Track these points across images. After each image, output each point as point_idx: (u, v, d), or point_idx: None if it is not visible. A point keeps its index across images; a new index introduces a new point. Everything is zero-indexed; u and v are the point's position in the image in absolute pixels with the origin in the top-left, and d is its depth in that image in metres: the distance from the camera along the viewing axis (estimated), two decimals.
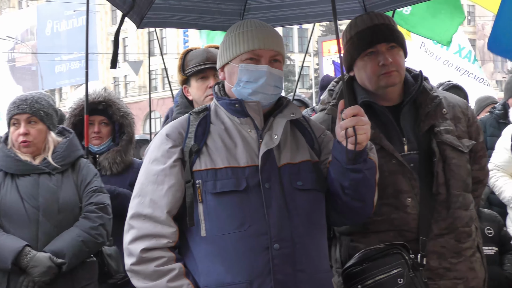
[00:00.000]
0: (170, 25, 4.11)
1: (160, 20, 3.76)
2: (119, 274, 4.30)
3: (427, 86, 3.28)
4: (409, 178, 3.13)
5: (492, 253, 5.35)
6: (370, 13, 3.33)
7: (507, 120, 6.58)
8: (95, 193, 4.12)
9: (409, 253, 2.97)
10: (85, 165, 4.21)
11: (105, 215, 4.10)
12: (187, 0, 3.64)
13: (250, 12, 3.78)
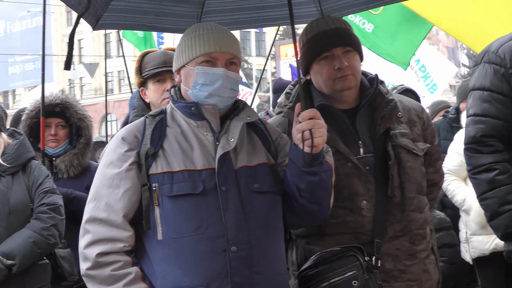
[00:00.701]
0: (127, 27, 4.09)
1: (116, 21, 3.74)
2: (73, 277, 4.26)
3: (383, 90, 3.31)
4: (364, 181, 3.16)
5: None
6: (326, 17, 3.36)
7: (460, 124, 6.67)
8: (47, 194, 4.07)
9: (364, 255, 2.99)
10: (36, 166, 4.16)
11: (57, 216, 4.05)
12: (143, 2, 3.62)
13: (208, 15, 3.77)
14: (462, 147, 3.68)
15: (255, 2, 3.82)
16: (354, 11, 4.13)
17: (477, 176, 3.54)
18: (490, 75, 3.54)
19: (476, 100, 3.57)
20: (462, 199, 5.79)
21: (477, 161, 3.52)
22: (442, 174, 3.60)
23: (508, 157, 3.50)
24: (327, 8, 3.83)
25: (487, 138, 3.50)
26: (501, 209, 3.44)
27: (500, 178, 3.45)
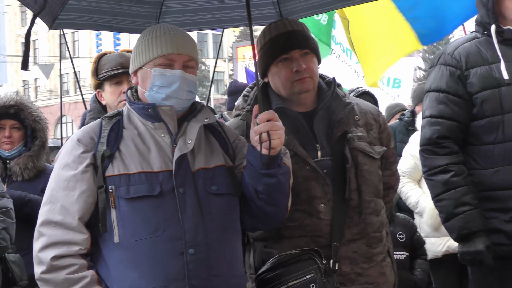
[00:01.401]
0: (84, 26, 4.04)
1: (73, 21, 3.69)
2: (23, 282, 4.21)
3: (340, 93, 3.33)
4: (322, 184, 3.16)
5: (403, 258, 5.47)
6: (284, 20, 3.36)
7: (416, 127, 6.72)
8: None
9: (322, 258, 3.00)
10: None
11: (7, 219, 3.99)
12: (101, 2, 3.58)
13: (166, 16, 3.75)
14: (416, 149, 3.73)
15: (214, 3, 3.80)
16: (313, 13, 4.15)
17: (432, 178, 3.58)
18: (446, 77, 3.59)
19: (432, 102, 3.61)
20: (415, 201, 5.84)
21: (432, 163, 3.57)
22: (398, 177, 3.63)
23: (463, 158, 3.54)
24: (286, 10, 3.83)
25: (442, 140, 3.55)
26: (456, 211, 3.49)
27: (455, 179, 3.50)
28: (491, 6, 3.57)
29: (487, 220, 3.48)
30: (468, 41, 3.66)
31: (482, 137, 3.51)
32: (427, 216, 5.69)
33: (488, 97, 3.48)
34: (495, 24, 3.57)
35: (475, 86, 3.52)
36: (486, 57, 3.56)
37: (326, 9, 4.17)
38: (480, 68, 3.54)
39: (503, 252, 3.46)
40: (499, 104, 3.47)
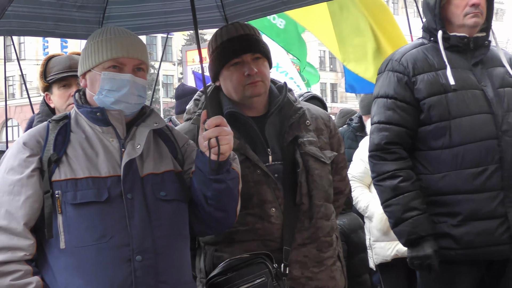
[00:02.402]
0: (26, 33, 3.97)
1: (14, 28, 3.62)
2: None
3: (291, 98, 3.33)
4: (273, 188, 3.16)
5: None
6: (235, 24, 3.35)
7: (364, 132, 6.78)
8: None
9: (273, 262, 3.00)
10: None
11: None
12: (42, 8, 3.51)
13: (110, 20, 3.70)
14: (366, 154, 3.75)
15: (158, 7, 3.78)
16: (258, 16, 4.16)
17: (381, 183, 3.61)
18: (393, 83, 3.62)
19: (380, 108, 3.64)
20: (365, 206, 5.88)
21: (381, 168, 3.60)
22: (347, 182, 3.65)
23: (412, 164, 3.58)
24: (230, 13, 3.83)
25: (391, 145, 3.58)
26: (405, 216, 3.52)
27: (403, 185, 3.53)
28: (438, 12, 3.62)
29: (435, 225, 3.52)
30: (415, 48, 3.70)
31: (429, 143, 3.55)
32: (376, 221, 5.73)
33: (435, 103, 3.52)
34: (441, 30, 3.62)
35: (423, 92, 3.55)
36: (433, 63, 3.60)
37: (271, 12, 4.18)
38: (427, 74, 3.58)
39: (451, 256, 3.51)
40: (446, 109, 3.51)
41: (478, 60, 3.65)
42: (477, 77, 3.60)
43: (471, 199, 3.47)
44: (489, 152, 3.47)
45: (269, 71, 3.30)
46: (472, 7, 3.57)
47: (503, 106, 3.55)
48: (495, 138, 3.48)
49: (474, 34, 3.64)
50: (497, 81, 3.61)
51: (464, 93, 3.53)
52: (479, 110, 3.52)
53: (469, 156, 3.47)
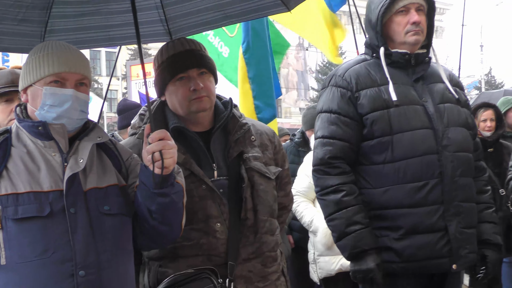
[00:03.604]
0: None
1: None
2: None
3: (237, 114, 3.34)
4: (218, 203, 3.16)
5: None
6: (181, 39, 3.35)
7: (306, 147, 6.82)
8: None
9: (218, 277, 3.00)
10: None
11: None
12: None
13: (52, 34, 3.65)
14: (311, 169, 3.78)
15: (101, 21, 3.75)
16: (202, 30, 4.17)
17: (325, 197, 3.63)
18: (337, 98, 3.65)
19: (324, 123, 3.67)
20: (309, 220, 5.91)
21: (325, 183, 3.62)
22: (291, 198, 3.67)
23: (355, 178, 3.62)
24: (174, 27, 3.83)
25: (334, 160, 3.60)
26: (348, 230, 3.54)
27: (347, 199, 3.56)
28: (380, 30, 3.67)
29: (378, 239, 3.55)
30: (358, 63, 3.75)
31: (372, 157, 3.58)
32: (321, 235, 5.77)
33: (378, 118, 3.56)
34: (383, 47, 3.68)
35: (365, 107, 3.59)
36: (376, 79, 3.65)
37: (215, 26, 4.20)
38: (369, 89, 3.62)
39: (393, 270, 3.54)
40: (388, 125, 3.55)
41: (419, 76, 3.71)
42: (418, 92, 3.66)
43: (413, 213, 3.51)
44: (430, 166, 3.53)
45: (215, 86, 3.30)
46: (413, 25, 3.63)
47: (443, 121, 3.61)
48: (435, 153, 3.54)
49: (415, 51, 3.71)
50: (438, 97, 3.68)
51: (405, 109, 3.58)
52: (420, 125, 3.57)
53: (411, 170, 3.52)
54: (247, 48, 6.07)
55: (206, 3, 3.67)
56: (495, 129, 6.83)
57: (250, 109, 5.92)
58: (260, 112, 5.91)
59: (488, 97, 11.63)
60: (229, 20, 3.99)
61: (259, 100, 5.98)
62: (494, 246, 3.74)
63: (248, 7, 3.72)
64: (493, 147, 6.71)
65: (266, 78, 6.05)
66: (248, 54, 6.07)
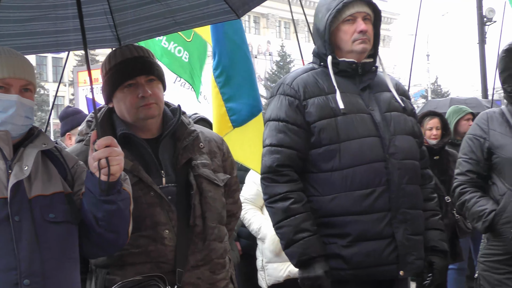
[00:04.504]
0: None
1: None
2: None
3: (185, 121, 3.34)
4: (167, 210, 3.15)
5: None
6: (129, 46, 3.34)
7: None
8: None
9: (166, 284, 2.99)
10: None
11: None
12: None
13: None
14: (258, 176, 3.78)
15: (48, 27, 3.71)
16: (151, 36, 4.15)
17: (273, 205, 3.64)
18: (285, 106, 3.67)
19: (272, 131, 3.68)
20: (258, 228, 5.93)
21: (273, 190, 3.63)
22: (240, 205, 3.69)
23: (303, 186, 3.63)
24: (123, 33, 3.81)
25: (282, 168, 3.61)
26: (296, 237, 3.55)
27: (294, 206, 3.56)
28: (327, 38, 3.70)
29: (326, 246, 3.56)
30: (305, 72, 3.77)
31: (320, 165, 3.60)
32: (269, 242, 5.79)
33: (325, 126, 3.59)
34: (331, 56, 3.71)
35: (313, 115, 3.61)
36: (323, 88, 3.67)
37: (164, 32, 4.19)
38: (317, 98, 3.64)
39: (341, 277, 3.56)
40: (335, 133, 3.58)
41: (366, 85, 3.75)
42: (365, 101, 3.70)
43: (360, 220, 3.53)
44: (377, 174, 3.56)
45: (163, 93, 3.30)
46: (360, 34, 3.67)
47: (390, 129, 3.65)
48: (382, 161, 3.58)
49: (362, 59, 3.75)
50: (384, 106, 3.72)
51: (353, 117, 3.61)
52: (367, 133, 3.60)
53: (358, 178, 3.54)
54: (218, 58, 6.03)
55: (155, 9, 3.66)
56: (441, 137, 6.94)
57: (220, 113, 5.88)
58: (234, 114, 5.86)
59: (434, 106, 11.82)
60: (179, 27, 3.99)
61: (234, 102, 5.92)
62: (441, 252, 3.79)
63: (197, 14, 3.73)
64: (439, 155, 6.83)
65: (243, 78, 6.00)
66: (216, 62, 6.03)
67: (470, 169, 4.28)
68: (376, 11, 3.78)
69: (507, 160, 4.11)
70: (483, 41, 20.61)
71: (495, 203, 4.14)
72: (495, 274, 4.17)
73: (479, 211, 4.15)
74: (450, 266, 7.13)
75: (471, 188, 4.27)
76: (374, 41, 3.78)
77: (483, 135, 4.26)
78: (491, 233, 4.18)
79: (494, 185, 4.20)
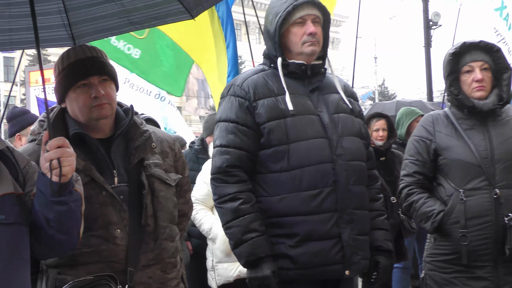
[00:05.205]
0: None
1: None
2: None
3: (137, 121, 3.35)
4: (119, 210, 3.15)
5: None
6: (82, 46, 3.34)
7: (206, 155, 6.85)
8: None
9: (117, 284, 3.00)
10: None
11: None
12: None
13: None
14: (209, 177, 3.81)
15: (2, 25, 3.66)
16: (106, 36, 4.14)
17: (222, 206, 3.66)
18: (235, 107, 3.70)
19: (223, 132, 3.71)
20: (208, 228, 5.94)
21: (222, 191, 3.65)
22: (191, 205, 3.71)
23: (252, 186, 3.66)
24: (78, 32, 3.78)
25: (232, 169, 3.64)
26: (245, 237, 3.58)
27: (244, 207, 3.59)
28: (278, 40, 3.74)
29: (274, 246, 3.59)
30: (256, 73, 3.81)
31: (269, 166, 3.63)
32: (219, 242, 5.80)
33: (275, 127, 3.62)
34: (281, 58, 3.76)
35: (263, 116, 3.65)
36: (273, 89, 3.71)
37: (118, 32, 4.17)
38: (267, 99, 3.68)
39: (289, 277, 3.59)
40: (284, 134, 3.61)
41: (315, 86, 3.79)
42: (314, 103, 3.74)
43: (308, 220, 3.57)
44: (325, 175, 3.60)
45: (116, 93, 3.31)
46: (309, 36, 3.73)
47: (338, 131, 3.71)
48: (330, 162, 3.62)
49: (311, 61, 3.80)
50: (333, 107, 3.77)
51: (301, 118, 3.66)
52: (316, 135, 3.65)
53: (306, 179, 3.58)
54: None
55: (110, 8, 3.66)
56: (387, 138, 7.04)
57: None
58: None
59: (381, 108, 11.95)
60: (134, 26, 3.99)
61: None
62: (386, 252, 3.86)
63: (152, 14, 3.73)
64: (385, 156, 6.92)
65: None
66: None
67: (417, 170, 4.35)
68: (325, 13, 3.83)
69: (454, 162, 4.19)
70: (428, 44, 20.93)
71: (442, 203, 4.20)
72: (442, 273, 4.24)
73: (428, 212, 4.22)
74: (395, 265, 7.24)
75: (418, 189, 4.33)
76: (323, 43, 3.84)
77: (429, 137, 4.33)
78: (438, 233, 4.25)
79: (440, 186, 4.27)
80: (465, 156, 4.15)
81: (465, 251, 4.09)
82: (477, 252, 4.09)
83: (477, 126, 4.25)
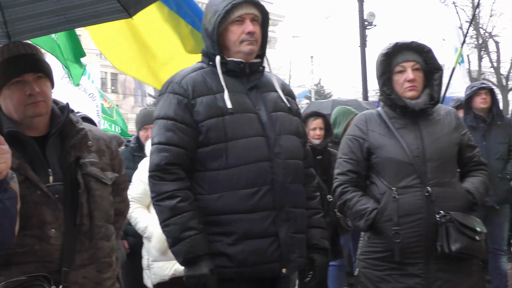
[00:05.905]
0: None
1: None
2: None
3: (74, 119, 3.31)
4: (53, 209, 3.11)
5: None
6: (17, 43, 3.29)
7: (142, 153, 6.81)
8: None
9: (51, 284, 2.95)
10: None
11: None
12: None
13: None
14: (146, 175, 3.78)
15: None
16: (43, 34, 4.09)
17: (160, 203, 3.64)
18: (174, 105, 3.68)
19: (161, 129, 3.69)
20: (144, 226, 5.90)
21: (160, 188, 3.63)
22: (127, 203, 3.68)
23: (190, 184, 3.66)
24: (14, 30, 3.73)
25: (170, 166, 3.63)
26: (182, 235, 3.57)
27: (181, 205, 3.58)
28: (216, 39, 3.74)
29: (212, 244, 3.60)
30: (195, 71, 3.80)
31: (207, 164, 3.63)
32: (155, 241, 5.77)
33: (213, 125, 3.62)
34: (219, 56, 3.76)
35: (201, 114, 3.64)
36: (211, 87, 3.71)
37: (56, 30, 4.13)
38: (205, 97, 3.67)
39: (226, 275, 3.60)
40: (223, 132, 3.62)
41: (253, 84, 3.81)
42: (252, 101, 3.76)
43: (245, 218, 3.58)
44: (262, 173, 3.62)
45: (51, 91, 3.26)
46: (248, 35, 3.74)
47: (276, 129, 3.73)
48: (267, 160, 3.64)
49: (250, 60, 3.81)
50: (271, 106, 3.79)
51: (240, 116, 3.66)
52: (254, 133, 3.66)
53: (244, 177, 3.59)
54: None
55: (47, 6, 3.61)
56: (324, 137, 7.11)
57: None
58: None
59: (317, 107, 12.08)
60: (71, 25, 3.95)
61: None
62: (322, 250, 3.90)
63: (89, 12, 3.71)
64: (321, 155, 6.99)
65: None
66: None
67: (350, 169, 4.41)
68: (264, 13, 3.85)
69: (387, 160, 4.26)
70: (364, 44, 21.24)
71: (375, 202, 4.27)
72: (376, 271, 4.31)
73: (361, 210, 4.28)
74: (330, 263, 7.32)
75: (352, 188, 4.39)
76: (261, 42, 3.85)
77: (362, 135, 4.40)
78: (372, 231, 4.31)
79: (373, 184, 4.34)
80: (398, 155, 4.23)
81: (397, 249, 4.16)
82: (410, 249, 4.17)
83: (409, 125, 4.34)
